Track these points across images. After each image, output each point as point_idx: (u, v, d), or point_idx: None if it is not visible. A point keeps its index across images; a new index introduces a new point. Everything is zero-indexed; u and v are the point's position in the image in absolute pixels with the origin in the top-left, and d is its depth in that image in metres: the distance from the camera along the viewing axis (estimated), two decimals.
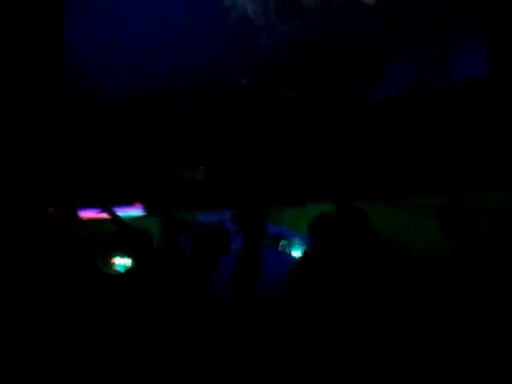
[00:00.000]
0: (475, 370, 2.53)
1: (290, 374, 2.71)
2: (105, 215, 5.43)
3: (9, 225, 3.90)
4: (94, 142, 6.25)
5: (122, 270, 3.96)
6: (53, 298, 3.09)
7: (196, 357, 2.89)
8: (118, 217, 4.38)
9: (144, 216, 5.67)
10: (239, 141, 5.92)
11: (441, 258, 3.05)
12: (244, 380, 2.81)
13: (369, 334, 2.67)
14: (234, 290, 3.08)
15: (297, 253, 4.33)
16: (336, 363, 2.66)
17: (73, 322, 2.97)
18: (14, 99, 6.25)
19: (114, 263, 4.11)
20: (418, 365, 2.58)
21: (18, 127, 6.17)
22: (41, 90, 6.40)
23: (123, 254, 4.11)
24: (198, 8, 6.26)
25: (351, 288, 2.82)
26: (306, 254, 3.40)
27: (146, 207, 5.72)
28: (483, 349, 2.53)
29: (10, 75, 6.26)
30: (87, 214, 5.15)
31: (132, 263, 3.67)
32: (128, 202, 5.73)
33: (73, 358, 2.86)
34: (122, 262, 4.13)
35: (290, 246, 4.39)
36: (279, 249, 4.20)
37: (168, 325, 3.01)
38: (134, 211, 5.72)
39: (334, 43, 5.72)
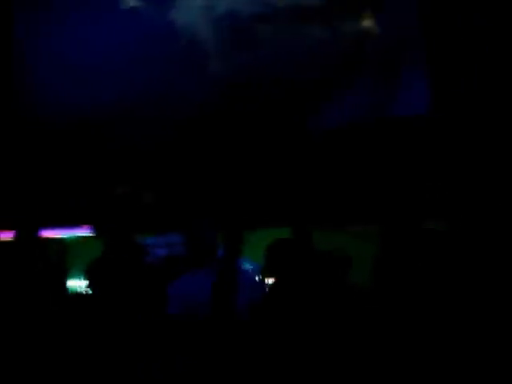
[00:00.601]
0: None
1: None
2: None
3: None
4: (41, 161, 6.22)
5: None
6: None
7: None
8: None
9: (92, 237, 5.68)
10: (188, 164, 6.02)
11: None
12: None
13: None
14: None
15: None
16: None
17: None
18: None
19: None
20: None
21: None
22: None
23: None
24: (150, 28, 6.33)
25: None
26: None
27: (95, 228, 5.72)
28: None
29: None
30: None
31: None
32: (76, 223, 5.74)
33: None
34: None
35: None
36: None
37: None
38: (82, 231, 5.73)
39: (286, 74, 5.92)
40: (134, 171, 6.12)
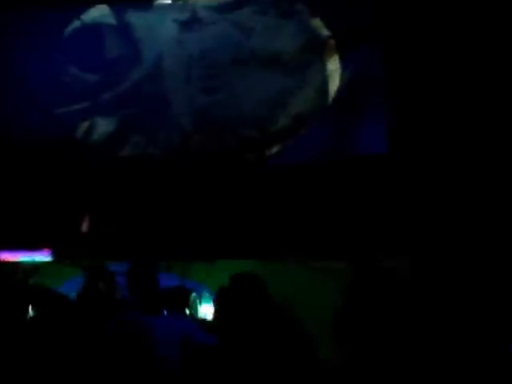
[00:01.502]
0: None
1: None
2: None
3: None
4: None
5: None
6: None
7: None
8: None
9: (51, 262, 5.65)
10: (149, 195, 6.06)
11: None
12: None
13: None
14: None
15: (206, 306, 4.52)
16: None
17: None
18: None
19: None
20: None
21: None
22: None
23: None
24: (115, 54, 6.34)
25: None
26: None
27: (55, 253, 5.71)
28: None
29: None
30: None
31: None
32: (36, 247, 5.70)
33: None
34: None
35: (200, 299, 4.56)
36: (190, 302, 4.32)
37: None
38: (41, 256, 5.69)
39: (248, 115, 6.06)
40: (96, 196, 6.12)
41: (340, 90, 5.90)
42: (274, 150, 6.02)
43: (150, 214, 5.97)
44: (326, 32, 6.00)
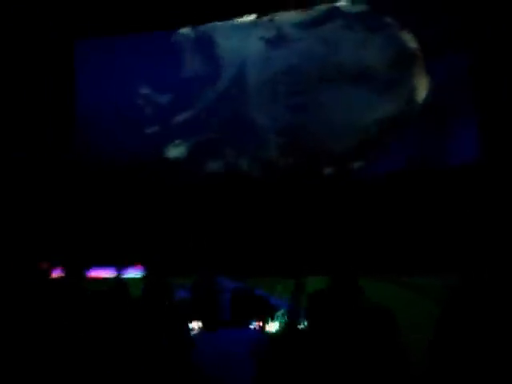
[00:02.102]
0: None
1: None
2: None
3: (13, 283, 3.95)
4: (98, 203, 6.41)
5: None
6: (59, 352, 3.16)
7: None
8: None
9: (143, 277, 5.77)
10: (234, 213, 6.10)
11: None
12: None
13: None
14: None
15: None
16: None
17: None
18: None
19: None
20: None
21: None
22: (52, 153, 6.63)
23: None
24: (199, 74, 6.49)
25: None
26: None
27: (147, 269, 5.83)
28: None
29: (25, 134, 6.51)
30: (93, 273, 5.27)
31: None
32: (129, 263, 5.85)
33: None
34: None
35: (285, 316, 4.51)
36: (275, 319, 4.28)
37: None
38: (134, 272, 5.83)
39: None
40: (179, 215, 6.22)
41: (428, 100, 5.75)
42: (363, 163, 5.92)
43: (236, 232, 6.00)
44: (414, 45, 5.88)
